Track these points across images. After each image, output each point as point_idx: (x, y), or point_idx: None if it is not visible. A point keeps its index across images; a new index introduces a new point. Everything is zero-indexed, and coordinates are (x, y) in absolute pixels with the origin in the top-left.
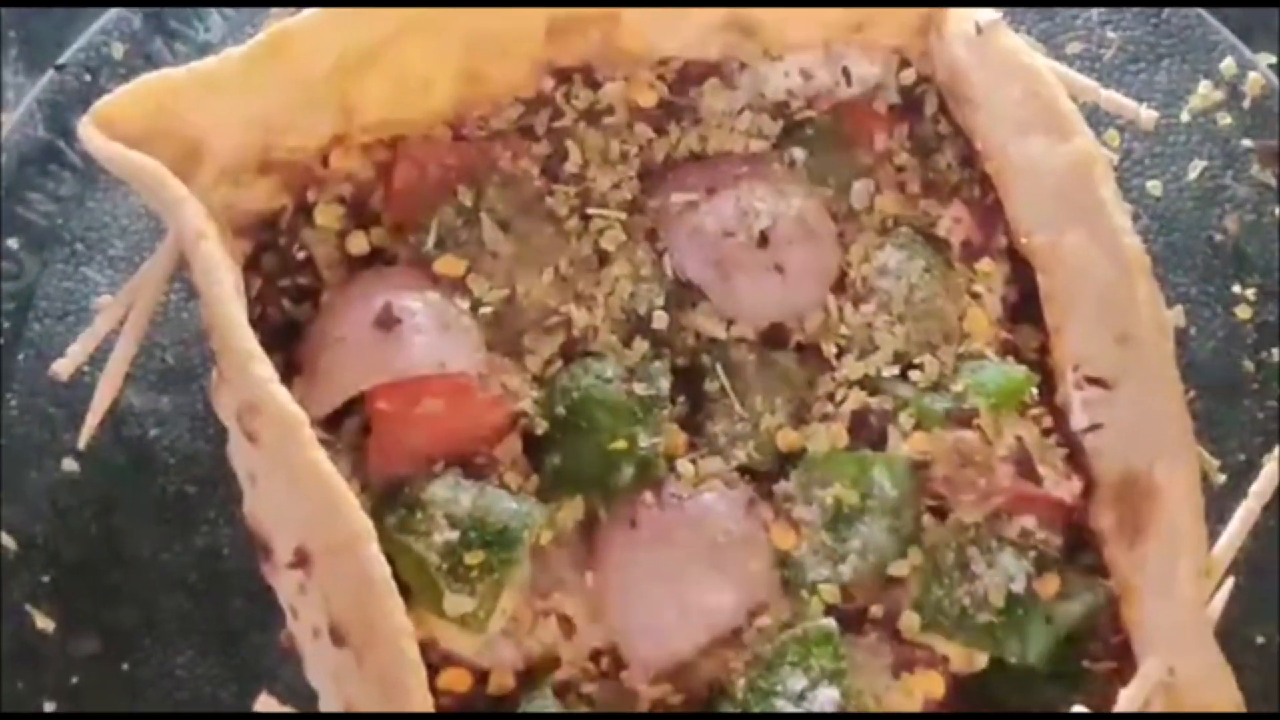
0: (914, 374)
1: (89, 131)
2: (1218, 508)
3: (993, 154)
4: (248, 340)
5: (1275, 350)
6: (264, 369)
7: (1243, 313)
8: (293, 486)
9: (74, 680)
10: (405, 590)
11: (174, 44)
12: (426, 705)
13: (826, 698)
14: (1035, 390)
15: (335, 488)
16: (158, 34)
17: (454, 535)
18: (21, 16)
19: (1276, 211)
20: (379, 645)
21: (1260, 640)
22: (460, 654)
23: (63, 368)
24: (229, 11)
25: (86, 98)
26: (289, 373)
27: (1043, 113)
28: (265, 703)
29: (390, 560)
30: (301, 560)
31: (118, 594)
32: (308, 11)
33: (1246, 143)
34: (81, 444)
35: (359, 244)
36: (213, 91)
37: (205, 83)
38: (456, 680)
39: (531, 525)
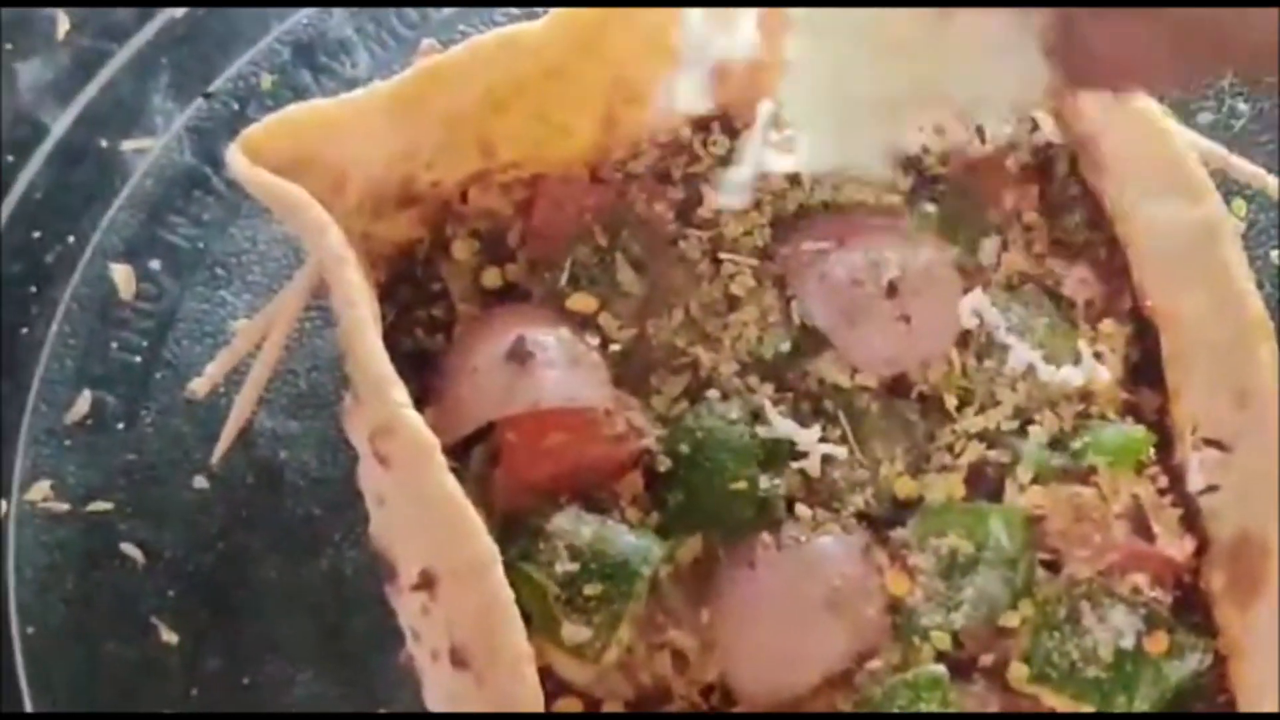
0: (1033, 429)
1: (236, 157)
2: None
3: (1121, 216)
4: (384, 365)
5: None
6: (399, 393)
7: None
8: (422, 509)
9: (194, 693)
10: (524, 618)
11: (321, 78)
12: None
13: None
14: (1153, 450)
15: (464, 512)
16: (306, 67)
17: (574, 566)
18: (173, 45)
19: None
20: (500, 669)
21: None
22: (575, 682)
23: (199, 386)
24: (377, 48)
25: (233, 126)
26: (419, 402)
27: (1173, 177)
28: None
29: (511, 588)
30: (426, 582)
31: (242, 611)
32: (455, 49)
33: None
34: (215, 460)
35: (493, 279)
36: (359, 124)
37: (352, 115)
38: (570, 708)
39: (650, 560)
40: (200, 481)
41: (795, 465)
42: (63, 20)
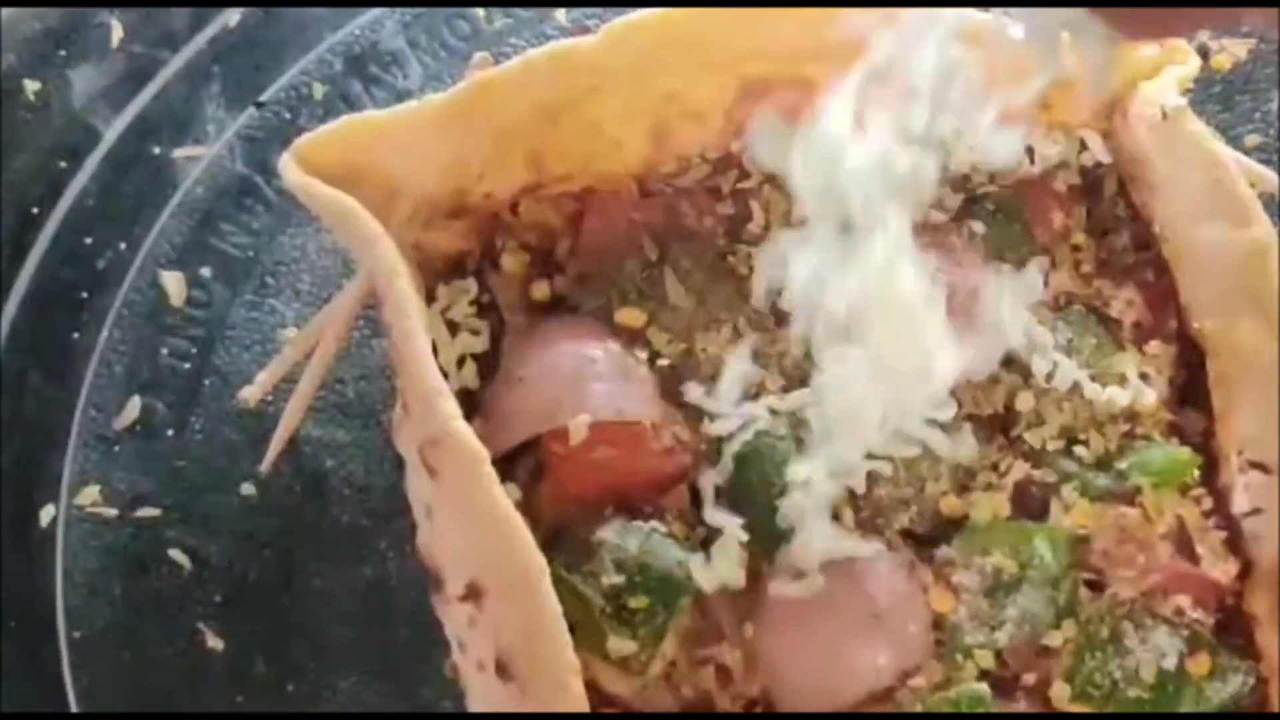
0: (1079, 449)
1: (289, 167)
2: None
3: (1169, 238)
4: (434, 377)
5: None
6: (449, 405)
7: None
8: (470, 521)
9: (239, 699)
10: (569, 630)
11: (372, 88)
12: None
13: None
14: (1198, 472)
15: (513, 524)
16: (357, 78)
17: (620, 579)
18: (226, 53)
19: None
20: (545, 681)
21: None
22: (618, 695)
23: (250, 394)
24: (428, 60)
25: (285, 135)
26: (467, 413)
27: (1222, 200)
28: None
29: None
30: (473, 594)
31: (287, 618)
32: (509, 63)
33: None
34: (264, 468)
35: (542, 291)
36: (413, 135)
37: (406, 126)
38: None
39: (695, 574)
40: (248, 489)
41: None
42: (116, 28)
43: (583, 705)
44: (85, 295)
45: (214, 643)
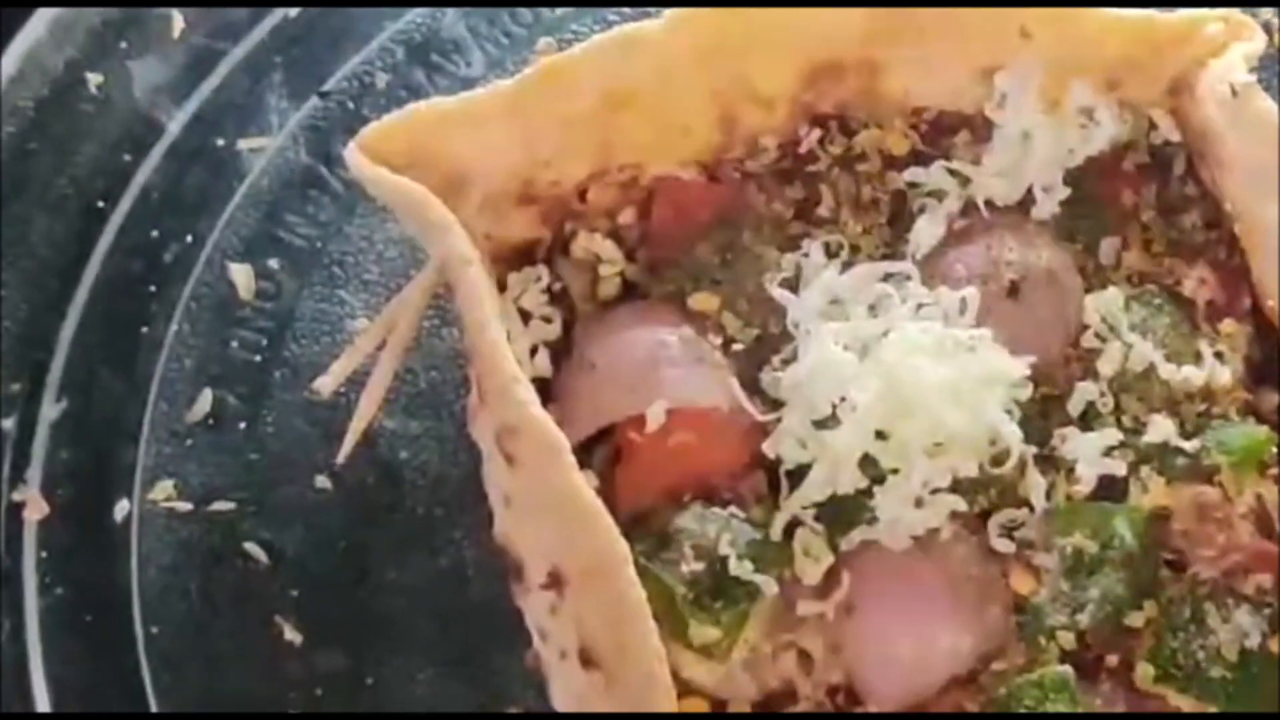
0: (1155, 429)
1: (355, 156)
2: None
3: (1241, 216)
4: (510, 364)
5: None
6: (526, 392)
7: None
8: (551, 509)
9: (318, 692)
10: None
11: (435, 77)
12: None
13: None
14: (1276, 450)
15: (595, 511)
16: (420, 66)
17: (700, 566)
18: (287, 44)
19: None
20: (630, 668)
21: None
22: (700, 683)
23: (324, 385)
24: (490, 47)
25: (348, 125)
26: (542, 401)
27: None
28: None
29: None
30: (555, 582)
31: (364, 610)
32: (575, 49)
33: None
34: (340, 460)
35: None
36: (480, 122)
37: (474, 113)
38: (695, 709)
39: (776, 560)
40: (322, 481)
41: None
42: (177, 19)
43: (670, 693)
44: (153, 289)
45: (291, 636)
